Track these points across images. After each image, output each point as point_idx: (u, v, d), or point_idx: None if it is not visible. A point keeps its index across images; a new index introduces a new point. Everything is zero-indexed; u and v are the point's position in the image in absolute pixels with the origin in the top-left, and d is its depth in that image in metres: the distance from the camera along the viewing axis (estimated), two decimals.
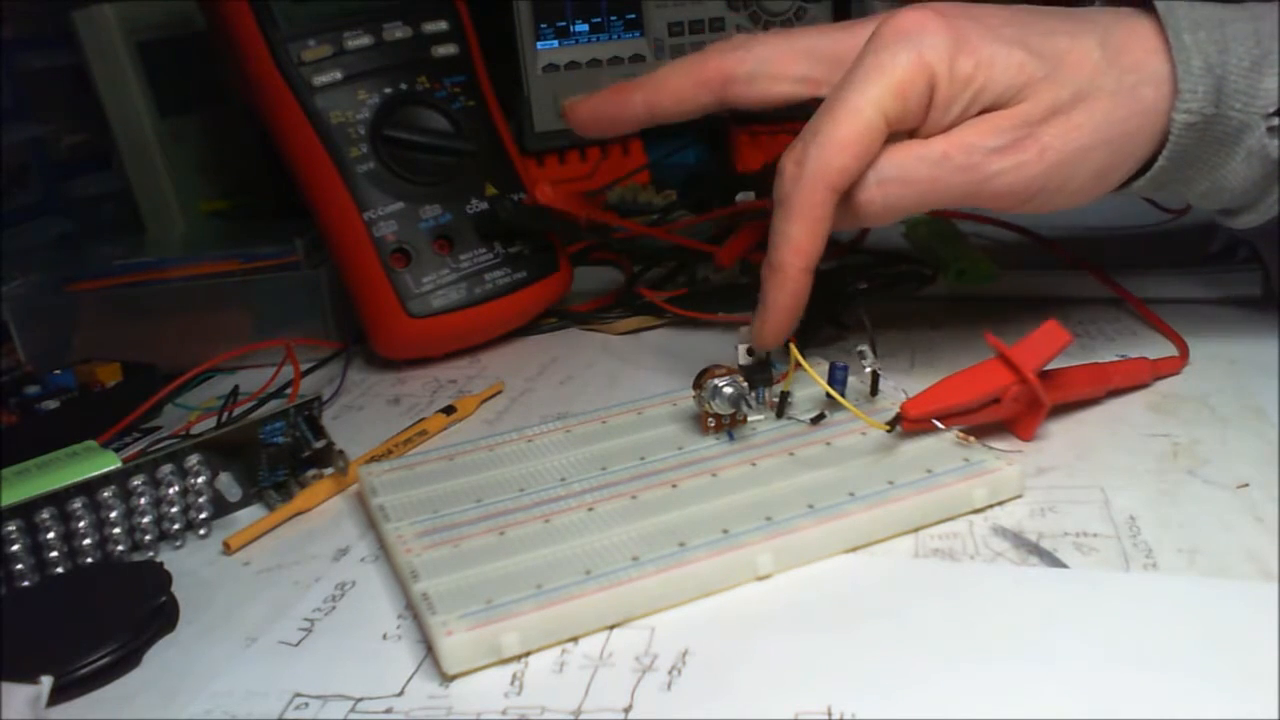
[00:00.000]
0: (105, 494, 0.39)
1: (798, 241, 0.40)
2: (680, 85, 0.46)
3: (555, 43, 0.77)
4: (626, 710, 0.30)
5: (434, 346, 0.57)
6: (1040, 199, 0.41)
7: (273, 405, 0.48)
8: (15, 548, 0.38)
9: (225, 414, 0.51)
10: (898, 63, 0.39)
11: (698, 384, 0.42)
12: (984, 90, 0.39)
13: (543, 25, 0.77)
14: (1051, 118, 0.39)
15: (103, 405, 0.52)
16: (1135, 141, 0.40)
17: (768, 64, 0.45)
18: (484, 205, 0.58)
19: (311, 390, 0.50)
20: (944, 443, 0.39)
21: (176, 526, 0.41)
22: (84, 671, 0.33)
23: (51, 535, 0.38)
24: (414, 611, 0.35)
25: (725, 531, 0.35)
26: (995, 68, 0.39)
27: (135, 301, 0.59)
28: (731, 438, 0.42)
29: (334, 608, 0.36)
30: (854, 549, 0.36)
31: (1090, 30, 0.40)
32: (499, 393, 0.52)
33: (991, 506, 0.38)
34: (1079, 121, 0.39)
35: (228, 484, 0.42)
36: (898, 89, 0.39)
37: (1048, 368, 0.41)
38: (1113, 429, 0.42)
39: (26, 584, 0.38)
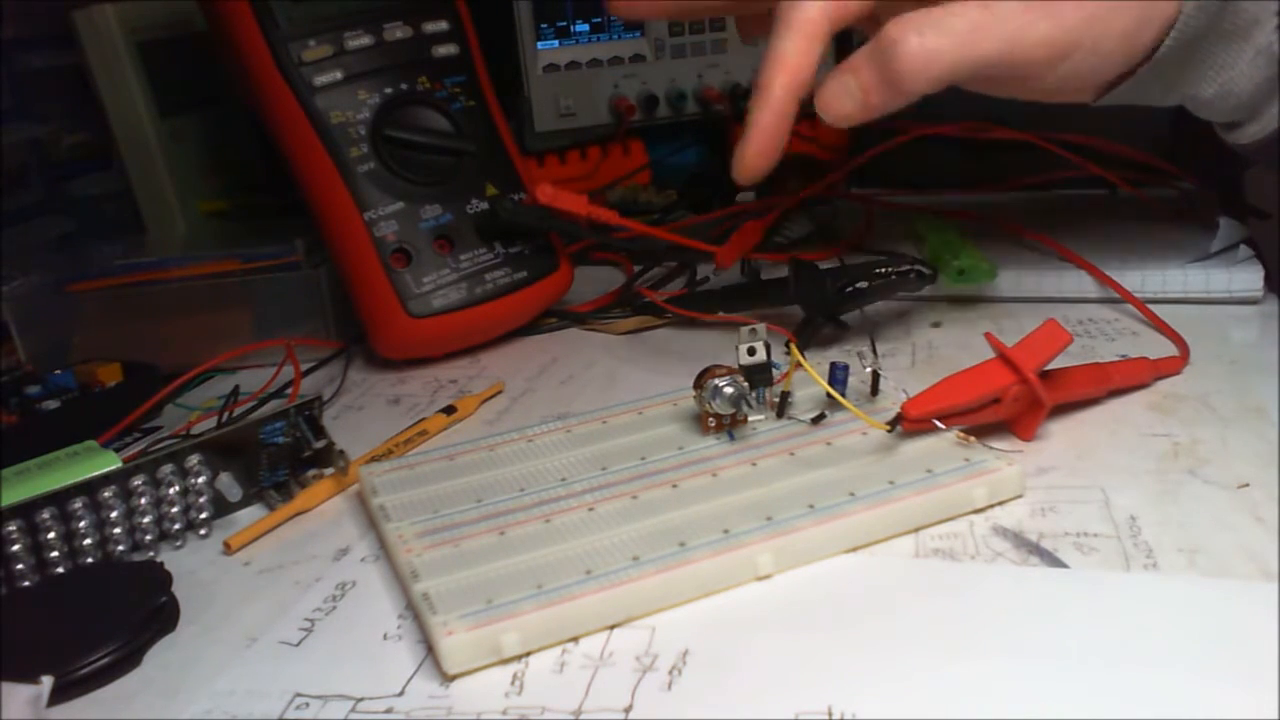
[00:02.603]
0: (106, 494, 0.39)
1: (786, 58, 0.40)
2: None
3: (555, 43, 0.77)
4: (627, 710, 0.30)
5: (434, 346, 0.57)
6: (1076, 58, 0.41)
7: (273, 405, 0.48)
8: (16, 548, 0.38)
9: (225, 414, 0.51)
10: None
11: (698, 384, 0.42)
12: None
13: (543, 25, 0.77)
14: None
15: (103, 405, 0.52)
16: (1157, 8, 0.41)
17: None
18: (484, 205, 0.58)
19: (312, 390, 0.50)
20: (944, 443, 0.39)
21: (177, 526, 0.41)
22: (84, 671, 0.33)
23: (52, 535, 0.38)
24: (414, 611, 0.35)
25: (726, 531, 0.35)
26: None
27: (135, 301, 0.59)
28: (732, 438, 0.42)
29: (334, 608, 0.36)
30: (854, 549, 0.36)
31: None
32: (499, 393, 0.52)
33: (992, 506, 0.38)
34: None
35: (228, 484, 0.42)
36: None
37: (1048, 368, 0.41)
38: (1113, 429, 0.42)
39: (27, 584, 0.38)
